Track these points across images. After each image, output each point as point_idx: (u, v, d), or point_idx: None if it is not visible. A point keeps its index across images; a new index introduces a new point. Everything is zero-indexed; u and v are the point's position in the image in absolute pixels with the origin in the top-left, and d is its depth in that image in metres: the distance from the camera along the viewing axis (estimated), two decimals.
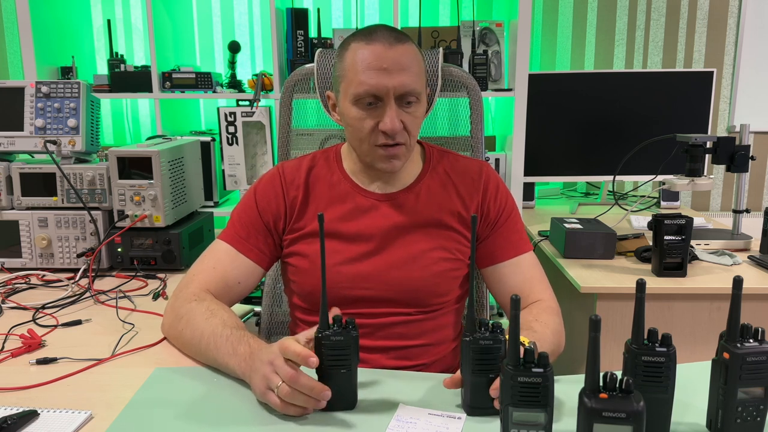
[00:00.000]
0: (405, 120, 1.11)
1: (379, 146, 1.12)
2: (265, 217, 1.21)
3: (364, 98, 1.09)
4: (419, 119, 1.15)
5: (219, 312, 1.07)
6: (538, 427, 0.75)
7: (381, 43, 1.08)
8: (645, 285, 0.77)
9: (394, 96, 1.09)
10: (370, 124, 1.11)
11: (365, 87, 1.08)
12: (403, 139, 1.12)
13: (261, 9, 2.60)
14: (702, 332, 1.61)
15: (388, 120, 1.09)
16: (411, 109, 1.12)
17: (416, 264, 1.18)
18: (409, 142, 1.14)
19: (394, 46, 1.09)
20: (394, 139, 1.11)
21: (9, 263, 1.62)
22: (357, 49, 1.10)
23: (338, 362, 0.88)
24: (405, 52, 1.09)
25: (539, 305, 1.18)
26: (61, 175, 1.59)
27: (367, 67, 1.08)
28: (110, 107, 2.65)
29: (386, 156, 1.13)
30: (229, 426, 0.87)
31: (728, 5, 2.57)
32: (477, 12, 2.53)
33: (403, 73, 1.08)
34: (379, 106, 1.10)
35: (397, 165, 1.16)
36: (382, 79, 1.07)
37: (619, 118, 2.37)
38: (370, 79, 1.08)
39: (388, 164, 1.15)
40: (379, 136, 1.11)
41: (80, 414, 0.89)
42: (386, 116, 1.09)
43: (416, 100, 1.12)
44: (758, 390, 0.79)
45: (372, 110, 1.11)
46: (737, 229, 1.90)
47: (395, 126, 1.09)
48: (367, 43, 1.09)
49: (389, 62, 1.07)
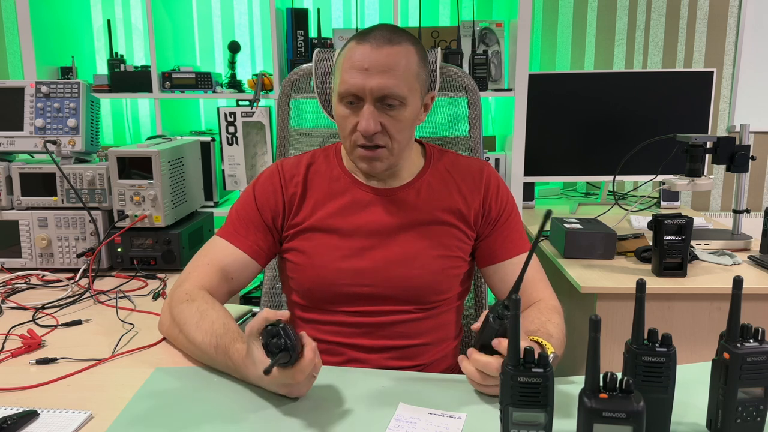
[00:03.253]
0: (385, 122, 1.10)
1: (359, 146, 1.13)
2: (263, 214, 1.21)
3: (345, 97, 1.11)
4: (403, 123, 1.12)
5: (208, 313, 1.06)
6: (538, 427, 0.75)
7: (371, 43, 1.09)
8: (645, 285, 0.77)
9: (373, 98, 1.09)
10: (351, 123, 1.12)
11: (345, 86, 1.09)
12: (382, 141, 1.12)
13: (261, 9, 2.60)
14: (702, 332, 1.60)
15: (363, 121, 1.09)
16: (393, 113, 1.10)
17: (416, 261, 1.18)
18: (392, 144, 1.13)
19: (382, 47, 1.08)
20: (371, 141, 1.11)
21: (9, 263, 1.62)
22: (350, 47, 1.11)
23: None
24: (392, 54, 1.08)
25: (545, 305, 1.18)
26: (61, 175, 1.59)
27: (350, 66, 1.09)
28: (110, 107, 2.65)
29: (365, 157, 1.14)
30: (229, 426, 0.87)
31: (728, 5, 2.57)
32: (477, 12, 2.53)
33: (384, 75, 1.07)
34: (360, 106, 1.10)
35: (378, 167, 1.15)
36: (360, 79, 1.08)
37: (619, 118, 2.37)
38: (351, 78, 1.08)
39: (367, 165, 1.15)
40: (359, 135, 1.12)
41: (80, 414, 0.89)
42: (362, 117, 1.10)
43: (399, 104, 1.10)
44: (758, 390, 0.79)
45: (354, 109, 1.11)
46: (737, 229, 1.90)
47: (369, 127, 1.09)
48: (359, 42, 1.10)
49: (371, 63, 1.07)
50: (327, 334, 1.19)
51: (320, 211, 1.20)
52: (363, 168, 1.17)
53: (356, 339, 1.18)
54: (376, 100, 1.09)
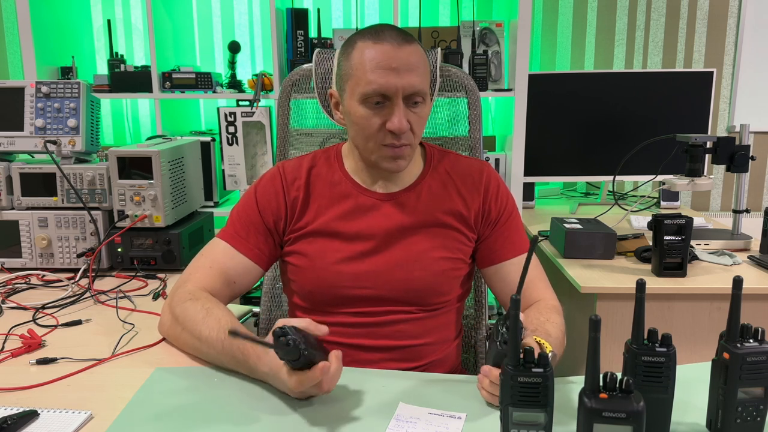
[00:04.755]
0: (411, 120, 1.11)
1: (386, 146, 1.13)
2: (265, 217, 1.21)
3: (372, 97, 1.09)
4: (424, 119, 1.15)
5: (214, 311, 1.07)
6: (538, 427, 0.75)
7: (389, 42, 1.09)
8: (645, 285, 0.77)
9: (403, 96, 1.09)
10: (377, 123, 1.11)
11: (374, 86, 1.08)
12: (408, 139, 1.13)
13: (261, 9, 2.60)
14: (702, 332, 1.60)
15: (396, 120, 1.09)
16: (417, 110, 1.12)
17: (417, 263, 1.18)
18: (414, 142, 1.15)
19: (402, 46, 1.09)
20: (400, 140, 1.11)
21: (9, 263, 1.62)
22: (365, 48, 1.10)
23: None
24: (413, 52, 1.10)
25: (545, 305, 1.18)
26: (61, 175, 1.59)
27: (376, 66, 1.08)
28: (110, 107, 2.66)
29: (392, 156, 1.13)
30: (229, 426, 0.87)
31: (728, 5, 2.57)
32: (477, 12, 2.53)
33: (411, 73, 1.08)
34: (387, 106, 1.10)
35: (402, 165, 1.16)
36: (391, 78, 1.07)
37: (619, 118, 2.37)
38: (379, 78, 1.08)
39: (393, 164, 1.15)
40: (386, 135, 1.11)
41: (80, 414, 0.89)
42: (394, 116, 1.09)
43: (422, 101, 1.12)
44: (758, 390, 0.79)
45: (379, 109, 1.10)
46: (737, 229, 1.90)
47: (403, 125, 1.09)
48: (375, 42, 1.09)
49: (398, 62, 1.08)
50: (328, 335, 1.19)
51: (323, 215, 1.20)
52: (390, 167, 1.16)
53: (357, 339, 1.18)
54: (404, 98, 1.09)
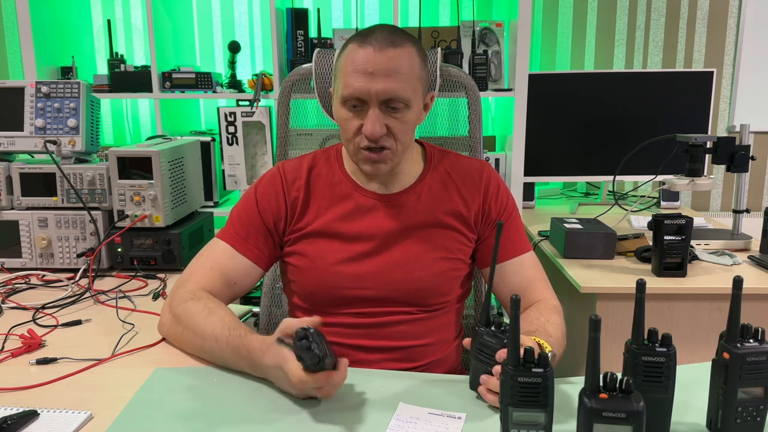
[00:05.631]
0: (391, 125, 1.10)
1: (363, 149, 1.12)
2: (265, 218, 1.21)
3: (349, 100, 1.10)
4: (408, 125, 1.13)
5: (216, 310, 1.07)
6: (538, 427, 0.75)
7: (373, 46, 1.08)
8: (645, 285, 0.77)
9: (378, 101, 1.08)
10: (355, 126, 1.11)
11: (349, 90, 1.08)
12: (388, 143, 1.11)
13: (261, 9, 2.60)
14: (702, 332, 1.60)
15: (369, 125, 1.08)
16: (398, 115, 1.10)
17: (417, 264, 1.18)
18: (396, 146, 1.13)
19: (385, 49, 1.07)
20: (376, 143, 1.11)
21: (9, 263, 1.62)
22: (351, 49, 1.10)
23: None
24: (396, 56, 1.08)
25: (545, 305, 1.17)
26: (61, 175, 1.59)
27: (354, 69, 1.08)
28: (110, 107, 2.65)
29: (369, 159, 1.13)
30: (229, 426, 0.87)
31: (728, 5, 2.57)
32: (477, 12, 2.53)
33: (389, 78, 1.07)
34: (364, 109, 1.10)
35: (383, 169, 1.15)
36: (365, 83, 1.07)
37: (619, 118, 2.36)
38: (355, 81, 1.07)
39: (371, 167, 1.14)
40: (363, 139, 1.11)
41: (80, 414, 0.89)
42: (367, 121, 1.09)
43: (404, 107, 1.10)
44: (758, 390, 0.79)
45: (357, 113, 1.10)
46: (737, 229, 1.90)
47: (375, 131, 1.08)
48: (360, 45, 1.09)
49: (375, 66, 1.07)
50: (328, 335, 1.18)
51: (323, 216, 1.20)
52: (367, 170, 1.16)
53: (358, 340, 1.18)
54: (381, 104, 1.09)
